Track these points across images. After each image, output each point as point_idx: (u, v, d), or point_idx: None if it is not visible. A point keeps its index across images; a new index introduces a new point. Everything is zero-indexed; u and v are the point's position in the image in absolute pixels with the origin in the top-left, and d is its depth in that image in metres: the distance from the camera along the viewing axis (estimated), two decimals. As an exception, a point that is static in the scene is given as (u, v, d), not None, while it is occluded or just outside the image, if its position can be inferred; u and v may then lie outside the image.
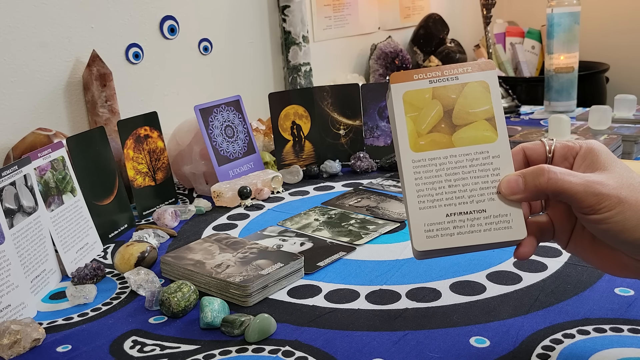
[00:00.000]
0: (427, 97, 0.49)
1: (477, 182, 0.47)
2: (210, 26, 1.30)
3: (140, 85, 1.17)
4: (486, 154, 0.48)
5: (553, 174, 0.44)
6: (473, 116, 0.49)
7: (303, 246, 0.80)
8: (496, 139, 0.48)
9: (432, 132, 0.49)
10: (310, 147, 1.20)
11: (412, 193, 0.47)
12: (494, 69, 0.50)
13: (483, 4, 1.96)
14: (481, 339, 0.56)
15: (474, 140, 0.48)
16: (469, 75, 0.49)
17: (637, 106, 1.35)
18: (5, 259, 0.64)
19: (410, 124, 0.49)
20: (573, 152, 0.49)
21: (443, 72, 0.49)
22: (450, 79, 0.49)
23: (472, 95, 0.49)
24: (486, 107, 0.49)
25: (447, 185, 0.47)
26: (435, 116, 0.49)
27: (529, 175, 0.45)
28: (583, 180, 0.44)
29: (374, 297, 0.65)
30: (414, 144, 0.48)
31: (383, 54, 1.70)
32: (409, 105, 0.49)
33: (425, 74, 0.49)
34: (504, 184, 0.46)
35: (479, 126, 0.48)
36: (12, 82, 0.98)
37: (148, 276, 0.71)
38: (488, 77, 0.49)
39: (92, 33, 1.08)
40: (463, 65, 0.50)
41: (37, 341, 0.60)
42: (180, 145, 1.09)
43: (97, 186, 0.89)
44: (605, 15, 2.21)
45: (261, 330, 0.58)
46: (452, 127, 0.49)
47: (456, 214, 0.47)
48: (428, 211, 0.47)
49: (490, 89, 0.49)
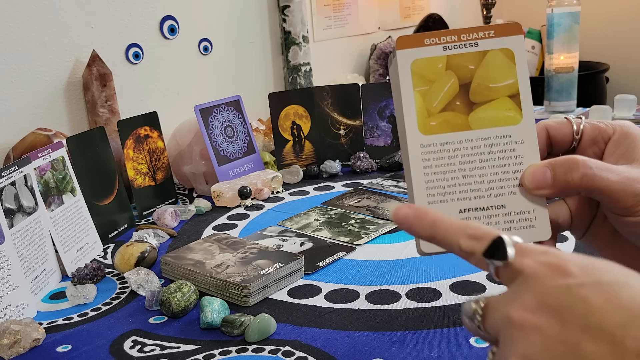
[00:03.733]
0: (440, 67, 0.42)
1: (497, 172, 0.41)
2: (210, 26, 1.30)
3: (140, 85, 1.17)
4: (508, 139, 0.41)
5: (589, 169, 0.38)
6: (494, 92, 0.42)
7: (303, 246, 0.80)
8: (520, 121, 0.41)
9: (445, 111, 0.42)
10: (310, 147, 1.20)
11: (420, 185, 0.41)
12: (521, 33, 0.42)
13: (483, 4, 1.96)
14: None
15: (495, 121, 0.41)
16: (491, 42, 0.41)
17: (637, 106, 1.35)
18: (5, 259, 0.64)
19: (419, 100, 0.41)
20: (605, 136, 0.42)
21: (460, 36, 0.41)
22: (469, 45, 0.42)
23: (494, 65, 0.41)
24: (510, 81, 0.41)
25: (462, 176, 0.41)
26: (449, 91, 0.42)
27: (559, 167, 0.39)
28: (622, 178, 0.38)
29: (374, 297, 0.65)
30: (423, 125, 0.41)
31: (383, 54, 1.70)
32: (418, 77, 0.41)
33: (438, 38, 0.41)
34: (529, 175, 0.40)
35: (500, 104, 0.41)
36: (12, 82, 0.98)
37: (148, 276, 0.71)
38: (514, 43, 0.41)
39: (92, 33, 1.08)
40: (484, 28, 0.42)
41: (37, 341, 0.60)
42: (180, 145, 1.09)
43: (97, 186, 0.89)
44: (605, 15, 2.21)
45: (261, 330, 0.58)
46: (469, 105, 0.42)
47: (471, 210, 0.41)
48: (438, 206, 0.41)
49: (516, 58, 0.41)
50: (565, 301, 0.28)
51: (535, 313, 0.29)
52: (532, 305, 0.29)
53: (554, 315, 0.28)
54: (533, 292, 0.29)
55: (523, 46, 0.42)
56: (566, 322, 0.27)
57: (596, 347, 0.26)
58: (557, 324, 0.28)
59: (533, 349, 0.28)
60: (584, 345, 0.26)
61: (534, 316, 0.29)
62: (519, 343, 0.29)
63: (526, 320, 0.29)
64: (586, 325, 0.27)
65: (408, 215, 0.36)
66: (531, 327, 0.28)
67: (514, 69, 0.41)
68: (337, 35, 1.65)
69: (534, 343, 0.28)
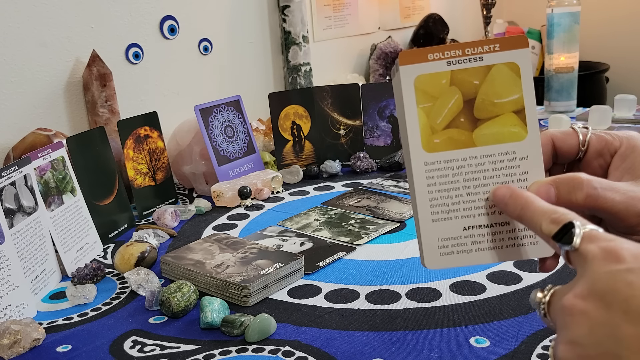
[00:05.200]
0: (444, 82, 0.41)
1: None
2: (210, 26, 1.30)
3: (140, 85, 1.17)
4: (512, 155, 0.41)
5: (593, 189, 0.38)
6: (499, 108, 0.41)
7: (303, 246, 0.80)
8: (525, 137, 0.41)
9: (449, 128, 0.41)
10: (310, 147, 1.20)
11: (424, 202, 0.41)
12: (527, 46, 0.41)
13: (483, 4, 1.96)
14: (481, 339, 0.56)
15: (499, 137, 0.41)
16: (496, 55, 0.40)
17: (637, 106, 1.35)
18: (5, 259, 0.64)
19: (423, 117, 0.41)
20: (611, 149, 0.42)
21: (464, 50, 0.41)
22: (473, 60, 0.41)
23: (499, 80, 0.41)
24: (515, 97, 0.41)
25: (466, 193, 0.41)
26: (453, 108, 0.41)
27: (563, 185, 0.38)
28: (626, 197, 0.38)
29: (374, 297, 0.65)
30: (427, 142, 0.41)
31: (383, 54, 1.70)
32: (422, 93, 0.41)
33: (442, 53, 0.41)
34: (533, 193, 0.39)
35: (505, 120, 0.41)
36: (12, 82, 0.98)
37: (148, 276, 0.71)
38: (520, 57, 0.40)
39: (92, 33, 1.08)
40: (489, 41, 0.41)
41: (37, 341, 0.60)
42: (180, 145, 1.09)
43: (97, 186, 0.89)
44: (605, 15, 2.21)
45: (261, 330, 0.58)
46: (474, 122, 0.41)
47: (475, 227, 0.41)
48: (442, 224, 0.41)
49: (522, 72, 0.40)
50: (612, 286, 0.29)
51: (585, 299, 0.30)
52: (583, 292, 0.30)
53: (601, 299, 0.29)
54: (587, 278, 0.30)
55: (529, 59, 0.41)
56: (610, 306, 0.28)
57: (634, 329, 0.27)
58: (602, 307, 0.29)
59: (579, 332, 0.29)
60: (623, 327, 0.27)
61: (583, 302, 0.30)
62: (568, 329, 0.30)
63: (575, 306, 0.30)
64: (627, 308, 0.28)
65: (505, 195, 0.38)
66: (579, 312, 0.29)
67: (520, 83, 0.41)
68: (337, 35, 1.65)
69: (580, 327, 0.29)
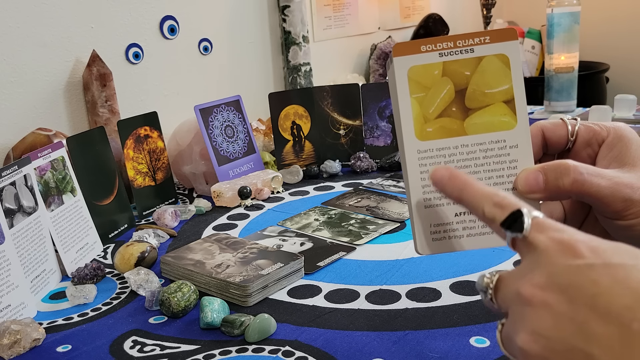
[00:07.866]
0: (437, 73, 0.42)
1: (491, 176, 0.42)
2: (210, 26, 1.30)
3: (140, 85, 1.17)
4: (502, 144, 0.42)
5: (579, 175, 0.39)
6: (489, 98, 0.42)
7: (303, 246, 0.80)
8: (515, 126, 0.42)
9: (441, 117, 0.43)
10: (310, 147, 1.20)
11: (417, 189, 0.42)
12: (516, 38, 0.43)
13: (483, 4, 1.96)
14: (481, 339, 0.56)
15: (490, 126, 0.42)
16: (487, 47, 0.42)
17: (637, 106, 1.35)
18: (5, 259, 0.64)
19: (416, 106, 0.42)
20: (599, 139, 0.43)
21: (456, 42, 0.42)
22: (464, 52, 0.42)
23: (490, 71, 0.42)
24: (505, 87, 0.42)
25: None
26: (445, 97, 0.43)
27: (550, 172, 0.40)
28: (612, 183, 0.39)
29: (374, 297, 0.65)
30: (420, 131, 0.42)
31: (383, 54, 1.70)
32: (415, 83, 0.42)
33: (434, 45, 0.42)
34: (522, 179, 0.41)
35: (495, 110, 0.42)
36: (12, 82, 0.98)
37: (148, 276, 0.71)
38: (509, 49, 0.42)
39: (92, 33, 1.08)
40: (480, 34, 0.42)
41: (37, 341, 0.60)
42: (180, 145, 1.09)
43: (97, 186, 0.89)
44: (605, 15, 2.21)
45: (261, 330, 0.58)
46: (465, 111, 0.43)
47: (466, 214, 0.42)
48: (434, 210, 0.42)
49: (511, 64, 0.42)
50: (574, 280, 0.29)
51: (544, 290, 0.29)
52: (541, 282, 0.30)
53: (563, 293, 0.29)
54: (543, 269, 0.30)
55: (518, 51, 0.42)
56: (575, 301, 0.28)
57: (603, 328, 0.27)
58: (565, 301, 0.28)
59: (543, 325, 0.29)
60: (592, 325, 0.27)
61: (542, 292, 0.29)
62: (528, 319, 0.30)
63: (534, 296, 0.30)
64: (594, 305, 0.27)
65: (443, 177, 0.38)
66: (540, 303, 0.29)
67: (509, 74, 0.42)
68: (337, 35, 1.65)
69: (543, 319, 0.29)
